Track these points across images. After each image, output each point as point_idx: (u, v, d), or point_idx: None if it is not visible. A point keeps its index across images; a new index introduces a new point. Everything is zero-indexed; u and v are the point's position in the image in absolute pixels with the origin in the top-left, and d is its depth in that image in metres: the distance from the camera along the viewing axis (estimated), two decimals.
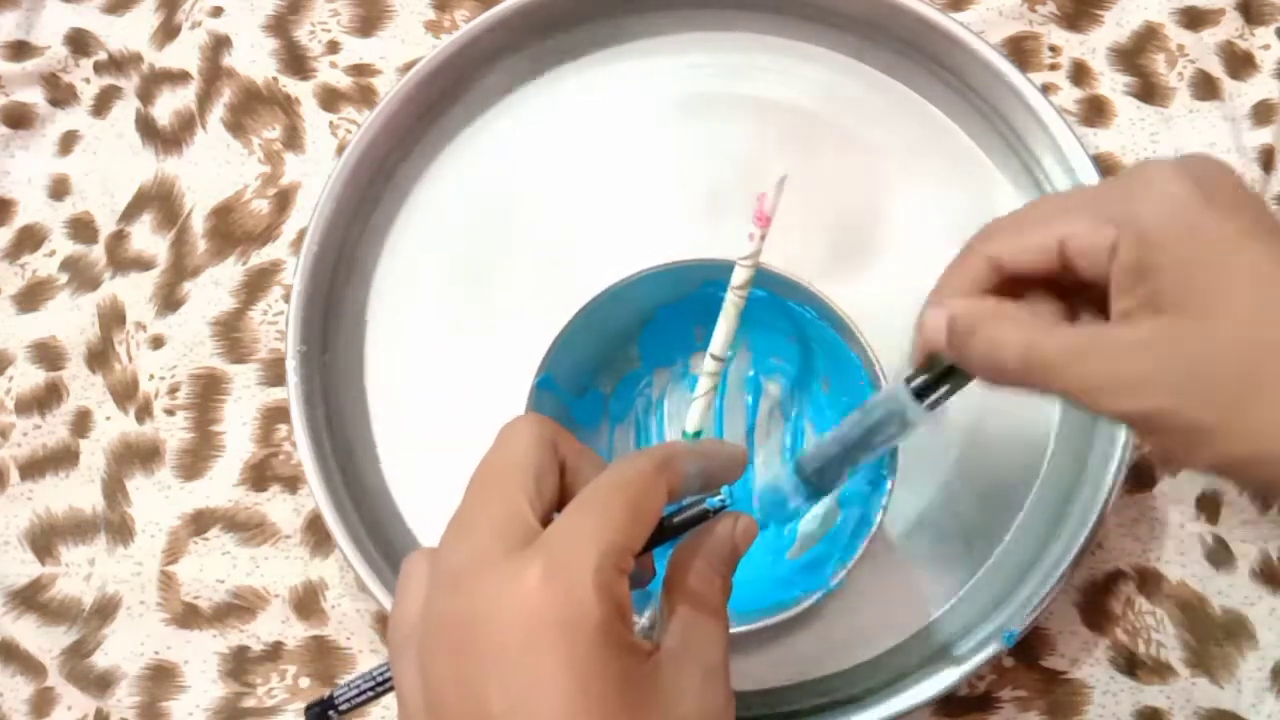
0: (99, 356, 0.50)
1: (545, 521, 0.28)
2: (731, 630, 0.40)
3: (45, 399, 0.50)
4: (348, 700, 0.33)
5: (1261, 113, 0.50)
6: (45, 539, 0.48)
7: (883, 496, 0.40)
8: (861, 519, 0.41)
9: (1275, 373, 0.27)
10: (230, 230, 0.51)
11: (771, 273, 0.41)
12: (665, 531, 0.30)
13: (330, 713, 0.33)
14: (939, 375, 0.33)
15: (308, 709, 0.34)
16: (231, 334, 0.50)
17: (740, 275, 0.37)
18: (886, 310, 0.45)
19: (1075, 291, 0.32)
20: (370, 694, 0.33)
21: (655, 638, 0.29)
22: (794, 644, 0.44)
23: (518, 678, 0.25)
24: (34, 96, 0.54)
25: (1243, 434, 0.28)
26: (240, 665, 0.46)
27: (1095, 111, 0.51)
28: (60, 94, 0.54)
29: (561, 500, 0.30)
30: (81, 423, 0.49)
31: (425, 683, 0.27)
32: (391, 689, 0.32)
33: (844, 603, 0.43)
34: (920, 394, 0.34)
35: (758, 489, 0.45)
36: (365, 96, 0.52)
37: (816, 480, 0.39)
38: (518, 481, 0.29)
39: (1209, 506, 0.46)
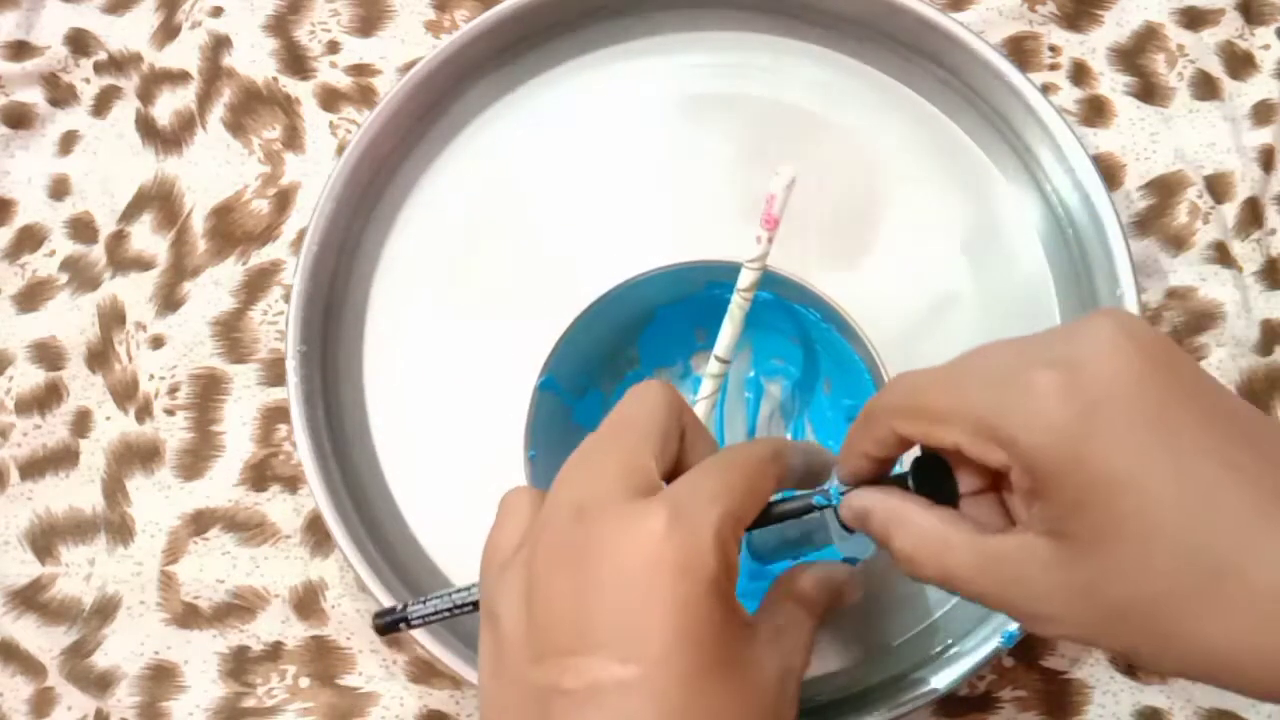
0: (99, 356, 0.50)
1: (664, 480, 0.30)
2: None
3: (45, 399, 0.50)
4: (421, 617, 0.34)
5: (1261, 113, 0.50)
6: (45, 539, 0.48)
7: None
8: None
9: (1186, 600, 0.25)
10: (230, 230, 0.51)
11: (775, 274, 0.41)
12: (770, 516, 0.33)
13: (401, 625, 0.34)
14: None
15: (377, 615, 0.35)
16: (231, 334, 0.50)
17: (747, 278, 0.38)
18: (885, 310, 0.46)
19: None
20: (446, 615, 0.34)
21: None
22: None
23: (629, 607, 0.27)
24: (34, 96, 0.54)
25: (1179, 660, 0.26)
26: (240, 665, 0.46)
27: (1095, 111, 0.51)
28: (60, 94, 0.54)
29: (676, 468, 0.31)
30: (81, 423, 0.49)
31: (532, 600, 0.28)
32: (465, 613, 0.34)
33: None
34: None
35: None
36: (365, 96, 0.52)
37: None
38: (646, 437, 0.30)
39: None
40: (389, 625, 0.35)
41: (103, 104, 0.53)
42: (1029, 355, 0.27)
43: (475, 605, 0.34)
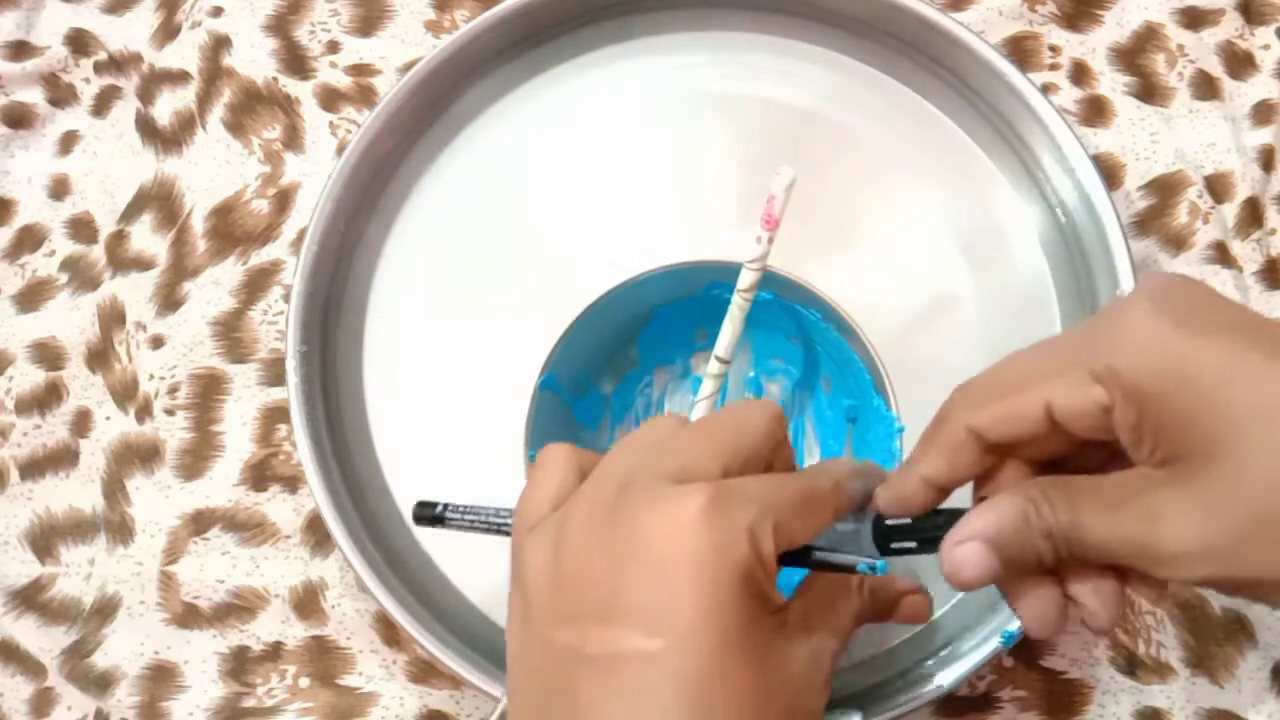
0: (99, 356, 0.50)
1: None
2: None
3: (45, 399, 0.50)
4: (458, 525, 0.34)
5: (1261, 113, 0.50)
6: (45, 539, 0.48)
7: None
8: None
9: None
10: (230, 230, 0.51)
11: (775, 274, 0.41)
12: (809, 560, 0.31)
13: (438, 524, 0.34)
14: (911, 533, 0.32)
15: (418, 504, 0.35)
16: (231, 334, 0.50)
17: (747, 278, 0.37)
18: (885, 310, 0.46)
19: (1067, 451, 0.30)
20: (482, 528, 0.34)
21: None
22: None
23: (660, 581, 0.27)
24: (34, 96, 0.54)
25: None
26: (240, 665, 0.46)
27: (1095, 111, 0.51)
28: (60, 94, 0.54)
29: None
30: (81, 423, 0.49)
31: (561, 559, 0.28)
32: (499, 534, 0.34)
33: None
34: (884, 535, 0.32)
35: None
36: (365, 96, 0.52)
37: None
38: (727, 446, 0.30)
39: None
40: (426, 519, 0.35)
41: (103, 104, 0.53)
42: (1103, 314, 0.29)
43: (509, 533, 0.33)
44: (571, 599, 0.28)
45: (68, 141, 0.53)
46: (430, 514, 0.35)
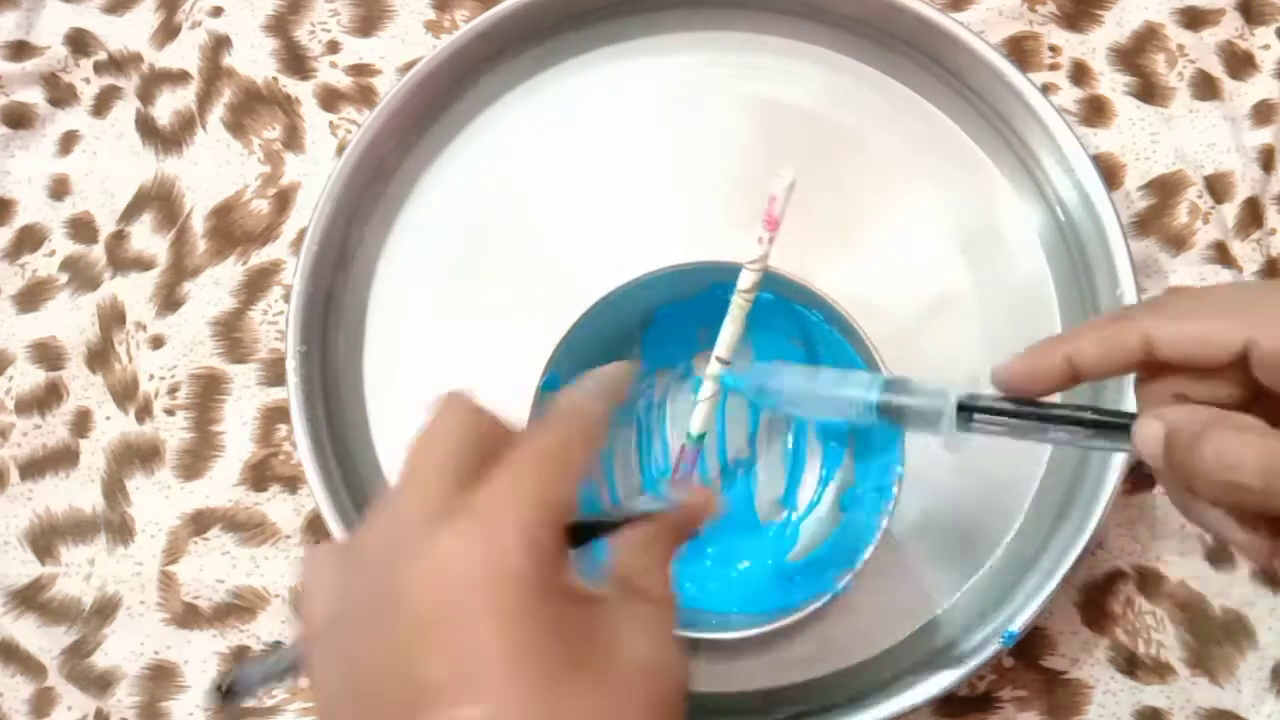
0: (99, 356, 0.50)
1: None
2: (735, 634, 0.40)
3: (45, 399, 0.50)
4: (251, 688, 0.31)
5: (1261, 113, 0.50)
6: (45, 539, 0.48)
7: (889, 503, 0.39)
8: (866, 523, 0.41)
9: None
10: (230, 230, 0.51)
11: (776, 274, 0.41)
12: (596, 531, 0.29)
13: (232, 699, 0.31)
14: (996, 409, 0.31)
15: (215, 688, 0.31)
16: (231, 334, 0.50)
17: (747, 279, 0.37)
18: (886, 310, 0.46)
19: (1228, 397, 0.29)
20: (275, 678, 0.30)
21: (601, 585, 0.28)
22: (795, 645, 0.44)
23: (451, 642, 0.24)
24: (34, 96, 0.54)
25: None
26: None
27: (1095, 111, 0.51)
28: (60, 94, 0.54)
29: None
30: (81, 423, 0.49)
31: (352, 669, 0.25)
32: (293, 672, 0.30)
33: (845, 603, 0.43)
34: (976, 410, 0.31)
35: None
36: (365, 96, 0.52)
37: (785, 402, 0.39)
38: (439, 461, 0.27)
39: None
40: (222, 701, 0.31)
41: (103, 104, 0.53)
42: None
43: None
44: (375, 704, 0.25)
45: (68, 141, 0.53)
46: (220, 694, 0.31)
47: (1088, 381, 0.30)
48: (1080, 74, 0.51)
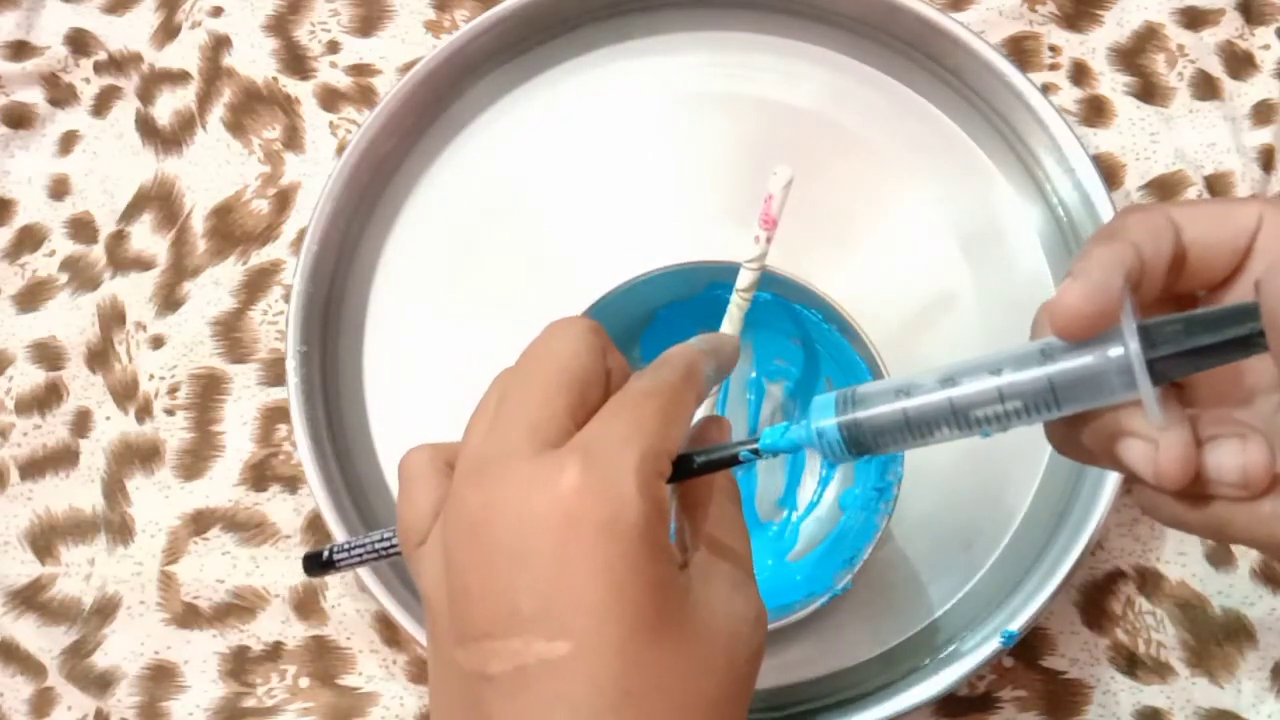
0: (99, 356, 0.50)
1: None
2: None
3: (45, 399, 0.50)
4: (348, 564, 0.32)
5: (1261, 113, 0.50)
6: (45, 539, 0.48)
7: (890, 502, 0.40)
8: (865, 523, 0.41)
9: None
10: (230, 230, 0.51)
11: (775, 274, 0.41)
12: (693, 471, 0.28)
13: (329, 570, 0.32)
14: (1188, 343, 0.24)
15: (306, 557, 0.33)
16: (231, 334, 0.50)
17: (746, 278, 0.37)
18: (886, 310, 0.46)
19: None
20: (371, 558, 0.32)
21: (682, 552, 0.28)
22: (795, 644, 0.44)
23: (550, 577, 0.24)
24: (34, 96, 0.54)
25: None
26: (240, 665, 0.46)
27: (1095, 111, 0.51)
28: (60, 94, 0.54)
29: None
30: (81, 423, 0.49)
31: (450, 578, 0.26)
32: (390, 556, 0.31)
33: (845, 603, 0.43)
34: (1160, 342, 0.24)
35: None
36: (365, 96, 0.52)
37: (868, 441, 0.28)
38: (561, 385, 0.27)
39: None
40: (317, 568, 0.33)
41: (103, 104, 0.53)
42: None
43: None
44: (464, 618, 0.25)
45: (68, 141, 0.53)
46: (319, 561, 0.33)
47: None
48: (1080, 74, 0.51)
